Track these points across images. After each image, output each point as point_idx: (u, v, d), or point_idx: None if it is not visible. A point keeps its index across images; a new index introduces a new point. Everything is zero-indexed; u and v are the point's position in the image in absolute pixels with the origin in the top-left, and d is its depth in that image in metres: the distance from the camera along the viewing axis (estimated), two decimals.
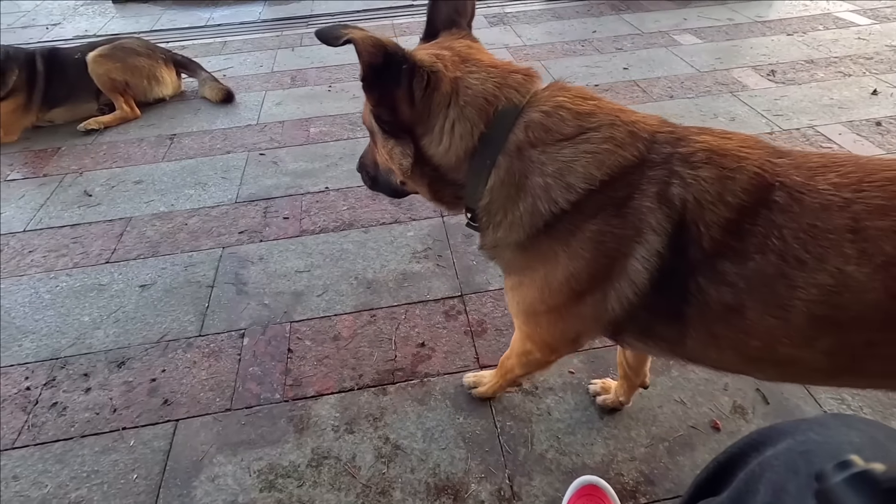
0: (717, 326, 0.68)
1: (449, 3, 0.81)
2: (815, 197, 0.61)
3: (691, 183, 0.65)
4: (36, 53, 2.31)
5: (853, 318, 0.60)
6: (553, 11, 3.36)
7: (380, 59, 0.68)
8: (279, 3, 3.73)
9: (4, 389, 1.28)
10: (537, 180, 0.70)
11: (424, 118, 0.73)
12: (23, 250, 1.70)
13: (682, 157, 0.67)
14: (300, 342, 1.36)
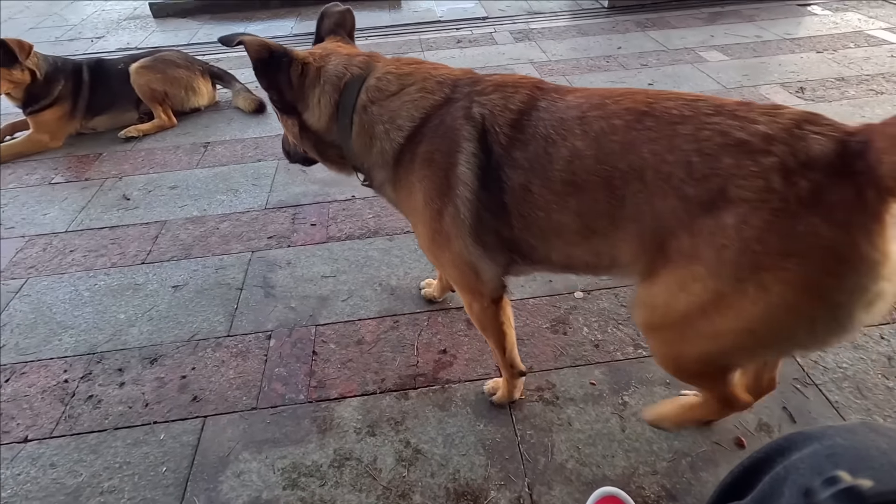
0: (523, 207, 0.89)
1: (331, 19, 1.13)
2: (563, 103, 0.87)
3: (485, 103, 0.91)
4: (83, 64, 2.44)
5: (583, 181, 0.82)
6: (578, 28, 3.40)
7: (265, 54, 0.96)
8: (311, 18, 3.85)
9: (44, 381, 1.34)
10: (379, 128, 0.97)
11: (301, 97, 1.02)
12: (64, 249, 1.79)
13: (477, 91, 0.93)
14: (325, 345, 1.39)
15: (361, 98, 0.98)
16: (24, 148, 2.34)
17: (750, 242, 0.70)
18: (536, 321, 1.43)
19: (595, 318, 1.42)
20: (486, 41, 3.28)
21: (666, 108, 0.78)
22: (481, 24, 3.57)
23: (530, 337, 1.38)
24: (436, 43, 3.29)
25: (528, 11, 3.77)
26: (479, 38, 3.32)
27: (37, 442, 1.21)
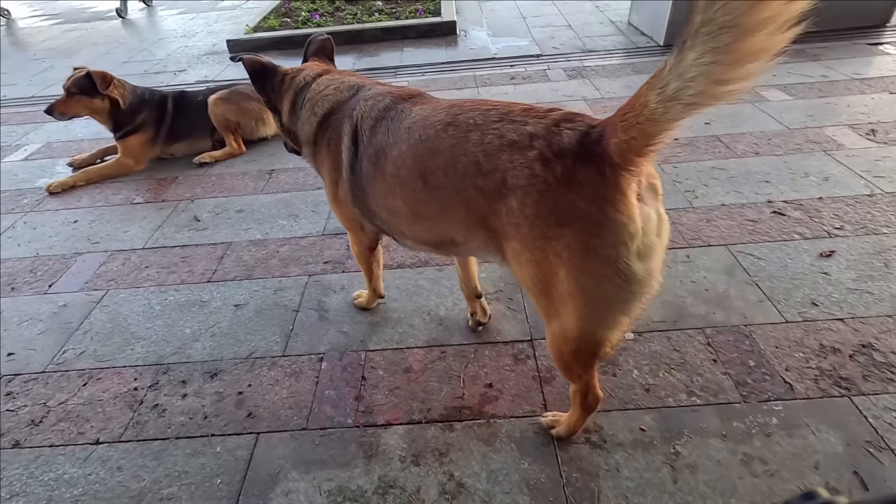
0: (373, 192, 1.18)
1: (315, 45, 1.48)
2: (408, 113, 1.10)
3: (361, 107, 1.19)
4: (168, 96, 2.68)
5: (404, 176, 1.07)
6: (633, 66, 3.41)
7: (259, 67, 1.36)
8: (370, 55, 4.07)
9: (116, 387, 1.45)
10: (306, 114, 1.31)
11: (279, 100, 1.38)
12: (141, 265, 1.94)
13: (362, 96, 1.22)
14: (374, 371, 1.43)
15: (307, 96, 1.32)
16: (112, 170, 2.58)
17: (532, 219, 0.89)
18: None
19: (646, 361, 1.39)
20: (539, 78, 3.35)
21: (466, 119, 0.99)
22: (535, 62, 3.65)
23: None
24: (490, 79, 3.38)
25: (581, 49, 3.82)
26: (532, 75, 3.40)
27: (107, 445, 1.29)
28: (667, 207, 1.90)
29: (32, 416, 1.38)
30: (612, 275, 0.87)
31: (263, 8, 5.29)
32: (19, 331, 1.67)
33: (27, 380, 1.49)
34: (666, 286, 1.62)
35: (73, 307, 1.75)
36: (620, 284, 0.88)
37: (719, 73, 0.65)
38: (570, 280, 0.90)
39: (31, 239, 2.15)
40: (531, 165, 0.88)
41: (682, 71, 0.68)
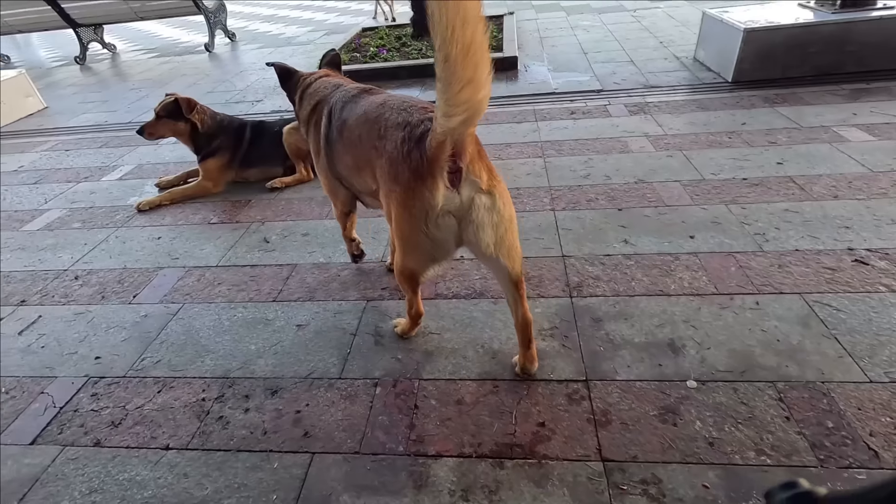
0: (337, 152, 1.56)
1: (327, 58, 1.92)
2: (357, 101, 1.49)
3: (336, 97, 1.59)
4: (248, 124, 2.90)
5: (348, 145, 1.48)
6: (698, 102, 3.34)
7: (284, 71, 1.82)
8: (433, 88, 4.22)
9: (186, 397, 1.54)
10: (305, 104, 1.72)
11: (294, 94, 1.79)
12: (214, 281, 2.07)
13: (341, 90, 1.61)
14: (426, 400, 1.45)
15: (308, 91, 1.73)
16: (193, 192, 2.80)
17: (386, 177, 1.28)
18: (643, 406, 1.36)
19: (710, 413, 1.32)
20: (599, 113, 3.34)
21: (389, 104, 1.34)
22: (595, 97, 3.66)
23: (635, 423, 1.32)
24: (549, 114, 3.42)
25: (644, 85, 3.79)
26: (592, 110, 3.40)
27: (175, 451, 1.38)
28: (734, 250, 1.84)
29: (113, 417, 1.50)
30: (417, 229, 1.25)
31: (335, 43, 5.63)
32: (106, 336, 1.83)
33: (110, 383, 1.62)
34: (732, 333, 1.55)
35: (152, 318, 1.90)
36: (423, 238, 1.26)
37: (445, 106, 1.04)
38: (396, 224, 1.31)
39: (120, 252, 2.36)
40: (396, 141, 1.24)
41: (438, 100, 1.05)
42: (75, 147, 3.82)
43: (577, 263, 1.94)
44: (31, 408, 1.56)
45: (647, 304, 1.70)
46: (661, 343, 1.55)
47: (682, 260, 1.89)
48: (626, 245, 2.01)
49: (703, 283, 1.77)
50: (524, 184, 2.54)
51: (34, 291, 2.14)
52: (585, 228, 2.14)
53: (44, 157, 3.68)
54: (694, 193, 2.31)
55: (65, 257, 2.37)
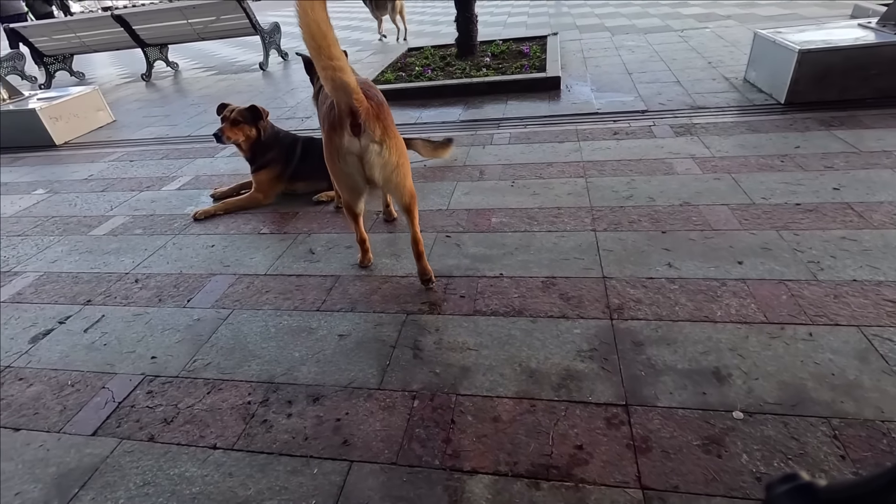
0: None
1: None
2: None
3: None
4: (300, 140, 3.04)
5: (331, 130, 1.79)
6: (748, 124, 3.25)
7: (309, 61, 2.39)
8: (476, 107, 4.29)
9: (233, 399, 1.61)
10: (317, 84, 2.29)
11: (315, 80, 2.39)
12: (262, 289, 2.17)
13: None
14: (463, 416, 1.46)
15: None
16: (246, 203, 2.94)
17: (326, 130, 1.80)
18: (685, 435, 1.32)
19: (758, 447, 1.27)
20: (643, 134, 3.31)
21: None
22: (639, 117, 3.62)
23: (677, 452, 1.28)
24: (592, 133, 3.41)
25: (690, 106, 3.73)
26: (636, 131, 3.37)
27: (222, 451, 1.44)
28: (785, 278, 1.78)
29: (165, 415, 1.58)
30: (333, 162, 1.81)
31: (381, 63, 5.82)
32: (162, 337, 1.94)
33: (164, 382, 1.72)
34: (782, 364, 1.49)
35: (204, 322, 2.00)
36: (338, 170, 1.82)
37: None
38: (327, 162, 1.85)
39: (177, 258, 2.50)
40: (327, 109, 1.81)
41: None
42: (139, 158, 4.08)
43: (618, 285, 1.91)
44: (93, 401, 1.67)
45: (692, 330, 1.66)
46: (706, 371, 1.51)
47: (729, 286, 1.84)
48: (669, 269, 1.97)
49: (752, 310, 1.72)
50: (565, 203, 2.54)
51: (99, 292, 2.29)
52: (627, 250, 2.12)
53: (111, 167, 3.96)
54: (743, 218, 2.24)
55: (127, 261, 2.53)
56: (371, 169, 1.76)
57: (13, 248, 2.83)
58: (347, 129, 1.69)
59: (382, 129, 1.74)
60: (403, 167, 1.83)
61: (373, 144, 1.73)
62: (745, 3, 7.53)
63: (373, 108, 1.71)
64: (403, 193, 1.89)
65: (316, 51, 1.49)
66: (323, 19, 1.45)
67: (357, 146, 1.72)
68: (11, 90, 5.09)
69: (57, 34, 7.50)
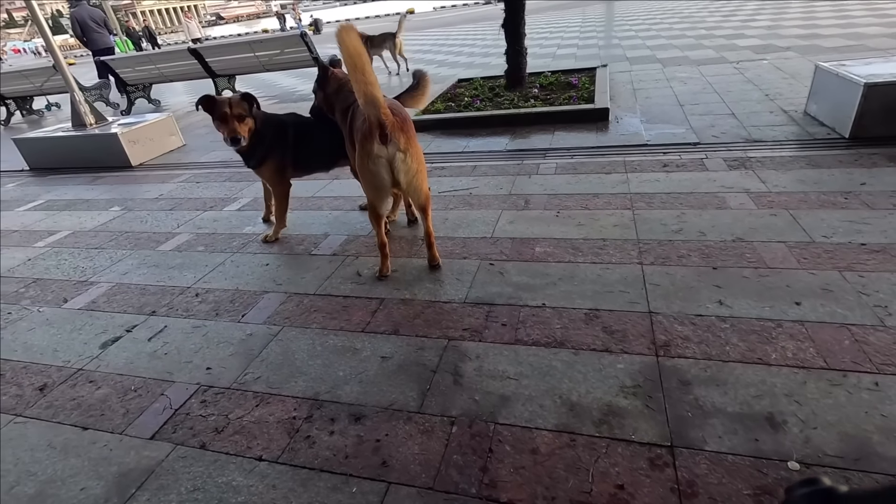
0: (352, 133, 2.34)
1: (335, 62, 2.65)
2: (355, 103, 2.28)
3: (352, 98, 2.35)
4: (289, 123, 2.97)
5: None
6: (808, 159, 3.13)
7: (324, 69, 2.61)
8: (523, 137, 4.35)
9: (280, 413, 1.68)
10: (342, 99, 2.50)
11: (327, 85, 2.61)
12: (310, 308, 2.26)
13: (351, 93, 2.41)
14: (501, 445, 1.45)
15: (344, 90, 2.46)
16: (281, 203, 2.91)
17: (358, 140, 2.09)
18: (735, 483, 1.26)
19: None
20: (695, 166, 3.24)
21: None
22: (691, 150, 3.56)
23: (726, 500, 1.23)
24: (640, 165, 3.37)
25: (745, 139, 3.63)
26: (687, 164, 3.31)
27: (267, 463, 1.50)
28: (848, 322, 1.69)
29: (217, 424, 1.67)
30: (364, 166, 2.09)
31: (432, 92, 6.01)
32: (217, 350, 2.05)
33: (217, 392, 1.81)
34: (844, 414, 1.40)
35: (256, 337, 2.10)
36: (368, 173, 2.10)
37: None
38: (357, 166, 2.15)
39: (234, 275, 2.65)
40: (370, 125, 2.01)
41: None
42: (204, 180, 4.38)
43: (664, 321, 1.87)
44: (153, 406, 1.78)
45: (744, 372, 1.60)
46: (759, 416, 1.44)
47: (785, 328, 1.76)
48: (720, 306, 1.91)
49: (811, 355, 1.63)
50: (611, 235, 2.52)
51: (163, 304, 2.46)
52: (675, 285, 2.07)
53: (179, 188, 4.27)
54: (801, 256, 2.15)
55: (188, 276, 2.70)
56: (397, 173, 2.06)
57: (90, 259, 3.09)
58: (377, 139, 1.98)
59: (406, 140, 2.04)
60: (421, 173, 2.15)
61: (398, 152, 2.03)
62: (807, 35, 7.31)
63: (398, 122, 2.01)
64: (420, 195, 2.22)
65: (352, 68, 1.82)
66: (358, 43, 1.79)
67: (385, 153, 2.02)
68: (98, 116, 5.62)
69: (140, 66, 8.24)
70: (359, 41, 1.81)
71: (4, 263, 3.19)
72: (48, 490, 1.51)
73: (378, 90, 1.90)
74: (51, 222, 3.85)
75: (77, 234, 3.53)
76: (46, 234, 3.60)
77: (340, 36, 1.81)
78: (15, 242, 3.54)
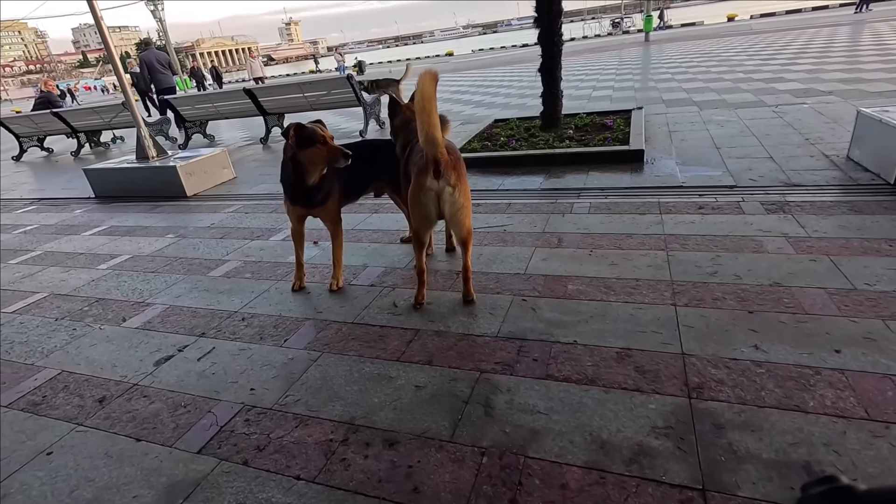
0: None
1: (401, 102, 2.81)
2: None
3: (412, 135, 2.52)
4: None
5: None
6: (851, 204, 3.08)
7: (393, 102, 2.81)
8: (557, 176, 4.44)
9: (318, 435, 1.76)
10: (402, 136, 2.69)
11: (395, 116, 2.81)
12: (348, 336, 2.36)
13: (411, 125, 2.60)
14: (530, 478, 1.48)
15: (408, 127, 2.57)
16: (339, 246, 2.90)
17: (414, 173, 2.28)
18: None
19: None
20: (731, 209, 3.24)
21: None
22: (727, 192, 3.56)
23: None
24: (675, 207, 3.39)
25: (784, 183, 3.61)
26: (723, 206, 3.31)
27: (304, 482, 1.57)
28: (892, 372, 1.67)
29: (259, 442, 1.76)
30: (416, 197, 2.27)
31: (469, 132, 6.24)
32: (260, 372, 2.16)
33: (260, 413, 1.91)
34: (886, 468, 1.37)
35: (297, 361, 2.21)
36: (418, 203, 2.28)
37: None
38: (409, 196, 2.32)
39: (278, 301, 2.80)
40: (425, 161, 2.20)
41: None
42: (253, 211, 4.65)
43: (698, 363, 1.87)
44: (200, 423, 1.90)
45: (780, 419, 1.58)
46: (795, 463, 1.42)
47: (824, 375, 1.73)
48: (756, 351, 1.89)
49: (851, 404, 1.60)
50: (644, 275, 2.54)
51: (212, 326, 2.61)
52: (710, 328, 2.06)
53: (229, 217, 4.54)
54: (842, 304, 2.11)
55: (236, 301, 2.87)
56: (444, 205, 2.24)
57: (147, 282, 3.32)
58: (431, 173, 2.18)
59: (457, 177, 2.24)
60: (466, 209, 2.31)
61: (448, 187, 2.21)
62: (850, 79, 7.23)
63: (451, 161, 2.22)
64: (462, 229, 2.34)
65: (420, 109, 2.04)
66: (432, 92, 2.04)
67: (437, 186, 2.20)
68: (159, 149, 6.08)
69: (199, 104, 8.90)
70: (433, 87, 2.04)
71: (71, 283, 3.47)
72: (104, 496, 1.62)
73: (439, 132, 2.08)
74: (113, 246, 4.16)
75: (136, 259, 3.80)
76: (109, 258, 3.89)
77: (421, 78, 2.02)
78: (81, 264, 3.84)
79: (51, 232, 4.83)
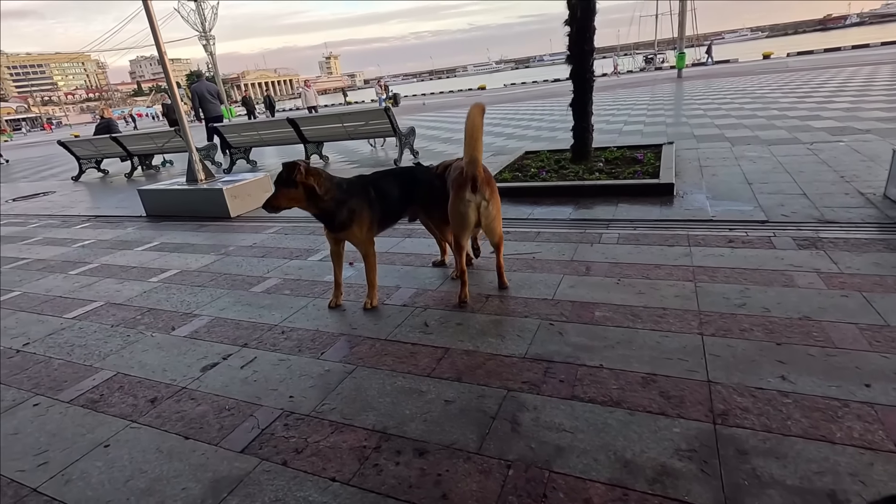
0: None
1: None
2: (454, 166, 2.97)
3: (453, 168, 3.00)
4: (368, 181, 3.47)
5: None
6: (886, 242, 3.06)
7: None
8: (586, 207, 4.53)
9: (352, 441, 1.86)
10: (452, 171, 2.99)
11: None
12: (382, 352, 2.47)
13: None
14: (554, 492, 1.54)
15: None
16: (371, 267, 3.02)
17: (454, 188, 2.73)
18: None
19: None
20: (762, 244, 3.25)
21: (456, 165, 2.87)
22: (758, 227, 3.57)
23: None
24: (704, 240, 3.43)
25: (817, 219, 3.60)
26: (754, 241, 3.32)
27: (339, 484, 1.66)
28: None
29: (297, 445, 1.87)
30: (456, 208, 2.69)
31: (500, 163, 6.41)
32: (299, 381, 2.29)
33: (298, 418, 2.03)
34: None
35: (333, 373, 2.33)
36: (458, 213, 2.69)
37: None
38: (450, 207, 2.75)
39: (315, 317, 2.95)
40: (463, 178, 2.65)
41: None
42: (292, 232, 4.89)
43: (723, 391, 1.90)
44: (243, 425, 2.03)
45: (805, 448, 1.59)
46: (820, 491, 1.43)
47: (852, 408, 1.74)
48: (783, 381, 1.91)
49: (879, 437, 1.60)
50: (671, 305, 2.58)
51: (254, 338, 2.78)
52: (736, 358, 2.09)
53: (270, 238, 4.79)
54: (873, 339, 2.11)
55: (276, 315, 3.04)
56: (482, 217, 2.69)
57: (194, 295, 3.54)
58: (469, 188, 2.62)
59: (490, 191, 2.69)
60: (498, 219, 2.79)
61: (483, 200, 2.67)
62: (890, 117, 7.13)
63: (486, 178, 2.69)
64: (495, 235, 2.84)
65: (469, 136, 2.55)
66: (479, 120, 2.53)
67: (474, 199, 2.64)
68: (208, 173, 6.48)
69: (245, 132, 9.44)
70: (481, 118, 2.53)
71: (125, 294, 3.72)
72: (155, 486, 1.75)
73: (481, 154, 2.61)
74: (163, 262, 4.44)
75: (184, 273, 4.05)
76: (159, 272, 4.16)
77: (471, 110, 2.53)
78: (134, 277, 4.11)
79: (106, 246, 5.19)
